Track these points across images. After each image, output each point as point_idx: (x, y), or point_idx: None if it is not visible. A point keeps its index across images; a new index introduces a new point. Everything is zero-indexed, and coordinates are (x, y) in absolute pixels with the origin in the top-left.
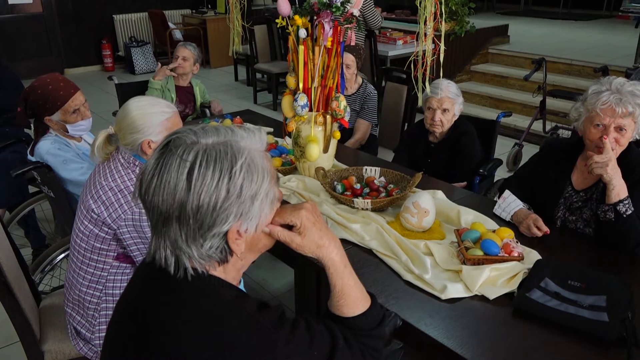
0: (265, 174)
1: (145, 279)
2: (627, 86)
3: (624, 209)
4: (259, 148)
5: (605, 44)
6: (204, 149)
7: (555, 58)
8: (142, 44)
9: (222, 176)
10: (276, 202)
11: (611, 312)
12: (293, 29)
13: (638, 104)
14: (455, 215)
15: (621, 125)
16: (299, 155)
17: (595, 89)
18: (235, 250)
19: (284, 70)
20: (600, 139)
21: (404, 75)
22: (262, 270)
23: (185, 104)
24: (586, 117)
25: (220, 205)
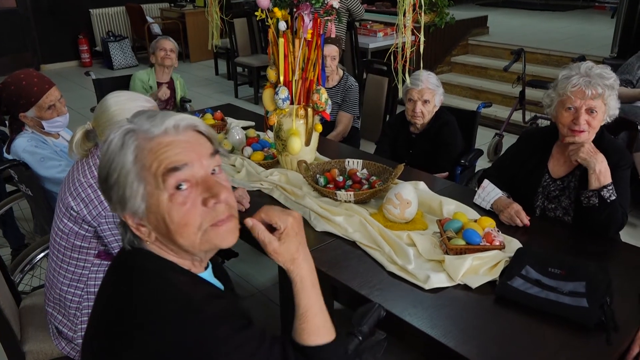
0: (126, 156)
1: (111, 268)
2: (595, 69)
3: (607, 194)
4: (129, 128)
5: (582, 34)
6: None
7: (533, 48)
8: (120, 38)
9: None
10: (158, 177)
11: (590, 297)
12: (273, 22)
13: (607, 86)
14: (437, 206)
15: (592, 107)
16: (281, 148)
17: (565, 74)
18: (142, 238)
19: (264, 63)
20: (573, 122)
21: (385, 67)
22: (247, 265)
23: (166, 100)
24: (558, 101)
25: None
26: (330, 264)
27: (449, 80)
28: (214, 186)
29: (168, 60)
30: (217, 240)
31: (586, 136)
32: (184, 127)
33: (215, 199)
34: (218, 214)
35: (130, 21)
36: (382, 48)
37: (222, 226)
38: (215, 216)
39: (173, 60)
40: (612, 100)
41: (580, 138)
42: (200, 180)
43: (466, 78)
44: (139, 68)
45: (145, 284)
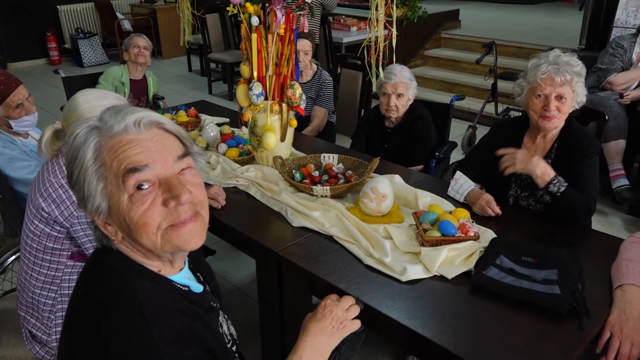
0: (86, 153)
1: (84, 269)
2: (562, 57)
3: (555, 188)
4: (92, 125)
5: (551, 26)
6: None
7: (505, 41)
8: (90, 35)
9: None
10: (119, 177)
11: (562, 284)
12: (245, 17)
13: (574, 72)
14: (413, 199)
15: (561, 94)
16: (256, 144)
17: (534, 62)
18: (109, 237)
19: (238, 59)
20: (544, 109)
21: (359, 61)
22: (224, 262)
23: (138, 98)
24: (528, 89)
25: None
26: (307, 258)
27: (423, 74)
28: (175, 187)
29: (141, 58)
30: (179, 242)
31: (556, 122)
32: (146, 125)
33: (175, 201)
34: (179, 214)
35: (100, 18)
36: (356, 42)
37: (183, 227)
38: (176, 216)
39: (147, 57)
40: (580, 87)
41: (551, 123)
42: (164, 180)
43: (439, 71)
44: (110, 65)
45: (101, 287)
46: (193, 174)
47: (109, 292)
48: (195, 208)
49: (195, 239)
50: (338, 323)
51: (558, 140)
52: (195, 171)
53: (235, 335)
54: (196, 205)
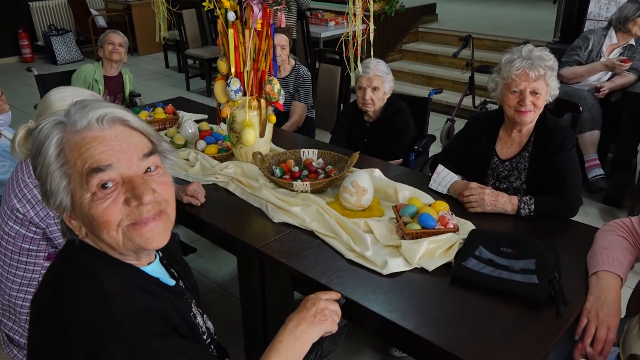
0: (49, 149)
1: (53, 261)
2: (535, 52)
3: (526, 210)
4: (57, 120)
5: (526, 19)
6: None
7: (481, 35)
8: (63, 32)
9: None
10: (82, 174)
11: (540, 274)
12: (221, 12)
13: (547, 67)
14: (392, 192)
15: (536, 89)
16: (235, 141)
17: (508, 57)
18: (74, 231)
19: (215, 55)
20: (519, 104)
21: (337, 56)
22: (205, 260)
23: (114, 95)
24: (503, 85)
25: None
26: (288, 254)
27: (401, 68)
28: (139, 187)
29: (116, 55)
30: (141, 241)
31: (532, 116)
32: (110, 121)
33: (137, 201)
34: (141, 213)
35: (73, 14)
36: (334, 37)
37: (145, 227)
38: (137, 215)
39: (122, 54)
40: (553, 81)
41: (527, 117)
42: (127, 179)
43: (417, 65)
44: (85, 62)
45: (74, 285)
46: (160, 172)
47: (71, 274)
48: (160, 207)
49: (157, 238)
50: (320, 315)
51: (534, 134)
52: (163, 170)
53: (212, 330)
54: (161, 204)
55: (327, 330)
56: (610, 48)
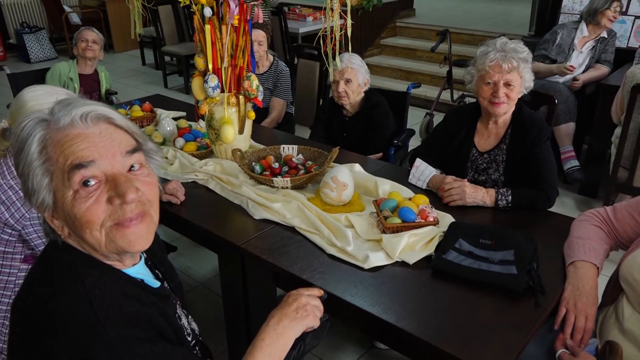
0: (31, 146)
1: (35, 263)
2: (509, 44)
3: (504, 202)
4: (39, 117)
5: (502, 13)
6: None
7: (458, 29)
8: (36, 29)
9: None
10: (65, 173)
11: (519, 264)
12: (197, 8)
13: (521, 59)
14: (373, 187)
15: (509, 81)
16: (214, 138)
17: (482, 50)
18: (57, 231)
19: (193, 51)
20: (493, 95)
21: (316, 51)
22: (186, 259)
23: (90, 93)
24: (478, 76)
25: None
26: (270, 250)
27: (379, 63)
28: (122, 185)
29: (90, 52)
30: (123, 244)
31: (505, 107)
32: (94, 118)
33: (120, 199)
34: (125, 212)
35: (46, 11)
36: (312, 32)
37: (129, 228)
38: (121, 215)
39: (96, 52)
40: (527, 73)
41: (501, 109)
42: (110, 177)
43: (396, 60)
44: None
45: (59, 291)
46: (145, 172)
47: (54, 280)
48: (144, 207)
49: (140, 241)
50: (302, 310)
51: (511, 127)
52: (148, 169)
53: (197, 331)
54: (145, 204)
55: (310, 325)
56: (583, 41)
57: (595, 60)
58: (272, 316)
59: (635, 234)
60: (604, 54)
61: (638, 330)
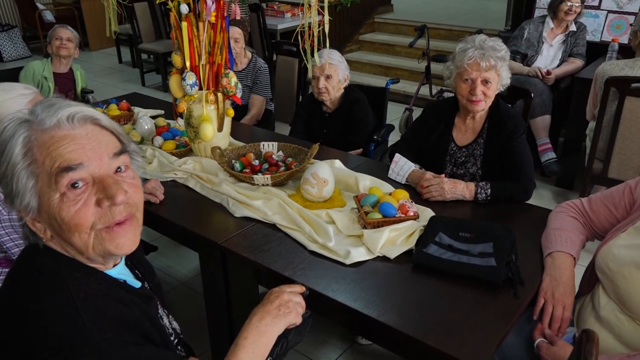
0: (14, 148)
1: (12, 267)
2: (488, 42)
3: (483, 195)
4: (17, 117)
5: (479, 8)
6: None
7: (436, 24)
8: (8, 27)
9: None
10: (52, 177)
11: (498, 257)
12: (174, 5)
13: (499, 57)
14: (353, 182)
15: (487, 78)
16: (193, 136)
17: (461, 47)
18: (38, 234)
19: (170, 49)
20: (470, 93)
21: (294, 48)
22: (167, 258)
23: (65, 92)
24: (456, 73)
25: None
26: (251, 248)
27: (359, 59)
28: (110, 187)
29: (64, 50)
30: (111, 247)
31: (483, 105)
32: (81, 120)
33: (110, 201)
34: (114, 215)
35: (19, 8)
36: (291, 29)
37: (118, 230)
38: (110, 217)
39: (70, 50)
40: (504, 71)
41: (478, 106)
42: (98, 179)
43: (375, 56)
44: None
45: (42, 295)
46: (131, 175)
47: (37, 284)
48: (131, 210)
49: (128, 243)
50: (284, 307)
51: (488, 121)
52: (133, 172)
53: (178, 330)
54: (132, 207)
55: (292, 322)
56: (552, 35)
57: (568, 54)
58: (254, 314)
59: (610, 224)
60: (575, 48)
61: (613, 318)
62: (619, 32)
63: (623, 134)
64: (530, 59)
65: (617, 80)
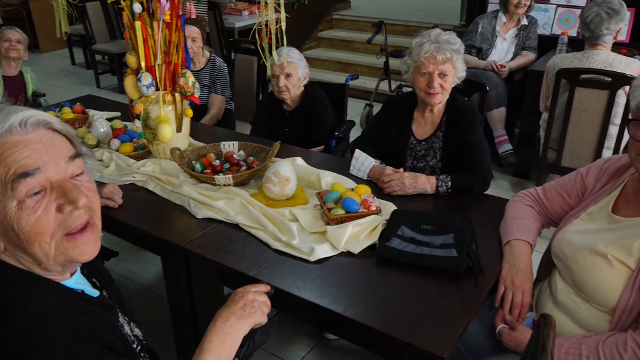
0: None
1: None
2: (443, 36)
3: (444, 188)
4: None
5: (435, 4)
6: None
7: (393, 20)
8: None
9: None
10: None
11: (459, 247)
12: (126, 4)
13: (454, 50)
14: (315, 179)
15: (443, 71)
16: (151, 137)
17: (417, 41)
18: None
19: (125, 49)
20: (428, 86)
21: (253, 46)
22: (129, 263)
23: (15, 96)
24: (414, 67)
25: None
26: (215, 249)
27: (318, 56)
28: (71, 191)
29: (14, 52)
30: (74, 254)
31: (440, 97)
32: (34, 124)
33: (72, 206)
34: (74, 220)
35: None
36: (249, 27)
37: (80, 237)
38: (71, 223)
39: (20, 52)
40: (460, 64)
41: (436, 99)
42: (57, 184)
43: (334, 52)
44: None
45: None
46: (87, 178)
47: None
48: (90, 214)
49: (91, 250)
50: (249, 307)
51: (446, 114)
52: (88, 176)
53: (141, 336)
54: (92, 211)
55: (257, 322)
56: (504, 28)
57: (521, 48)
58: (219, 315)
59: (564, 211)
60: (528, 41)
61: (569, 302)
62: (568, 26)
63: (574, 124)
64: (485, 52)
65: (567, 72)
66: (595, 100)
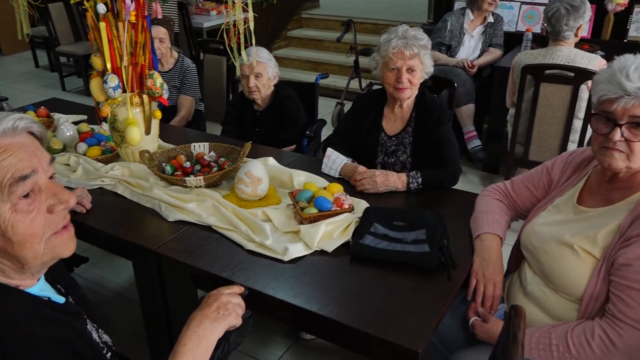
0: None
1: None
2: (410, 32)
3: (415, 184)
4: None
5: (404, 2)
6: None
7: (362, 19)
8: None
9: None
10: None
11: (430, 242)
12: (90, 5)
13: (421, 46)
14: (287, 179)
15: (411, 67)
16: (119, 140)
17: (385, 37)
18: None
19: (90, 51)
20: (396, 81)
21: (222, 46)
22: (99, 269)
23: None
24: (382, 63)
25: None
26: (187, 252)
27: (288, 55)
28: (62, 192)
29: None
30: (60, 250)
31: (409, 92)
32: (23, 129)
33: (63, 205)
34: (62, 219)
35: None
36: (217, 27)
37: (65, 233)
38: (59, 222)
39: None
40: (427, 59)
41: (405, 94)
42: (44, 186)
43: (304, 51)
44: None
45: None
46: (59, 181)
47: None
48: (68, 216)
49: (72, 245)
50: (223, 309)
51: (415, 110)
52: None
53: (110, 342)
54: (68, 214)
55: (232, 324)
56: (472, 25)
57: (487, 45)
58: (193, 319)
59: (532, 204)
60: (494, 38)
61: (539, 292)
62: (532, 22)
63: (540, 119)
64: (453, 49)
65: (532, 68)
66: (560, 95)
